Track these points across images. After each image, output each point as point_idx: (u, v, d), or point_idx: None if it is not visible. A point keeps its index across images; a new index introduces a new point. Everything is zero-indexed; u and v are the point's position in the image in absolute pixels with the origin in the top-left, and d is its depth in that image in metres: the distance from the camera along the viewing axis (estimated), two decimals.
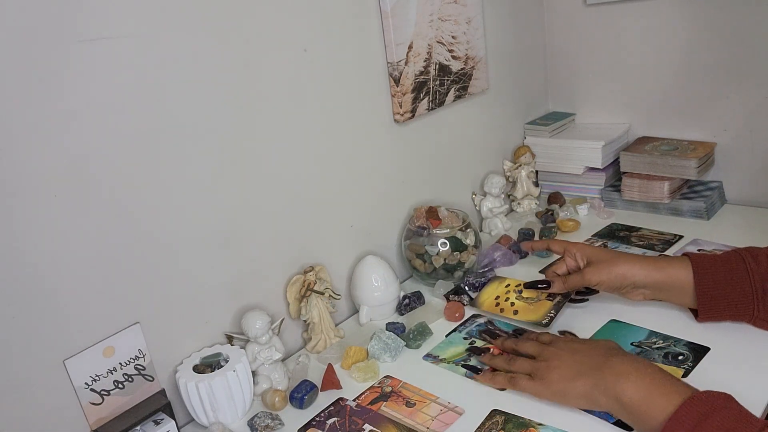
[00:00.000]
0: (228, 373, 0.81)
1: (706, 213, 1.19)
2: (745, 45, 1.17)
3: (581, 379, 0.72)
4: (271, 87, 0.89)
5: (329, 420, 0.81)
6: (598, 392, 0.71)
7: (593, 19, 1.34)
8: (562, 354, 0.76)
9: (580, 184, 1.35)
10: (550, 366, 0.76)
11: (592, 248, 0.93)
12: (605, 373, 0.71)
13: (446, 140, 1.21)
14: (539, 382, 0.76)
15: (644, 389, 0.67)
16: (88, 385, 0.75)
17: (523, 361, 0.80)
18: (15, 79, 0.65)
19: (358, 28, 1.00)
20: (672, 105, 1.29)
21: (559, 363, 0.75)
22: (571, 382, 0.73)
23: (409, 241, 1.09)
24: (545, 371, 0.76)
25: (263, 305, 0.92)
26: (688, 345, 0.84)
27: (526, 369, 0.78)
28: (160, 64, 0.76)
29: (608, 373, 0.71)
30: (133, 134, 0.75)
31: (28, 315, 0.69)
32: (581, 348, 0.77)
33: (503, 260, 1.12)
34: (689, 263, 0.84)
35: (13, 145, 0.66)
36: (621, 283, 0.87)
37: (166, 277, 0.81)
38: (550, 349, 0.78)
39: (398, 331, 0.96)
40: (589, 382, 0.72)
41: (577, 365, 0.74)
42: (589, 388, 0.71)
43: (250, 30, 0.85)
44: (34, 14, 0.65)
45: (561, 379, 0.74)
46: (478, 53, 1.21)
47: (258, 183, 0.90)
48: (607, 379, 0.70)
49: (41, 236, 0.69)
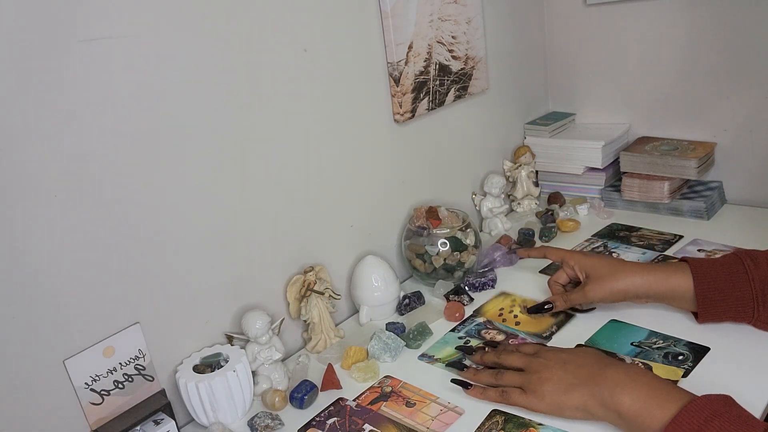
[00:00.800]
0: (228, 373, 0.81)
1: (706, 213, 1.19)
2: (745, 45, 1.17)
3: (576, 390, 0.71)
4: (271, 87, 0.89)
5: (329, 420, 0.81)
6: (595, 403, 0.69)
7: (593, 19, 1.34)
8: (552, 365, 0.75)
9: (580, 184, 1.35)
10: (542, 378, 0.74)
11: (590, 259, 0.91)
12: (600, 384, 0.70)
13: (446, 140, 1.21)
14: (532, 396, 0.74)
15: (642, 398, 0.66)
16: (88, 385, 0.75)
17: (512, 375, 0.78)
18: (15, 79, 0.65)
19: (358, 28, 1.00)
20: (672, 105, 1.29)
21: (550, 375, 0.74)
22: (565, 394, 0.72)
23: (409, 241, 1.09)
24: (537, 384, 0.74)
25: (263, 305, 0.92)
26: (688, 345, 0.84)
27: (516, 382, 0.77)
28: (160, 64, 0.76)
29: (604, 383, 0.69)
30: (133, 134, 0.75)
31: (28, 315, 0.69)
32: (571, 358, 0.75)
33: (503, 260, 1.12)
34: (689, 270, 0.84)
35: (13, 145, 0.66)
36: (623, 298, 0.87)
37: (166, 277, 0.81)
38: (538, 361, 0.76)
39: (398, 331, 0.96)
40: (584, 394, 0.70)
41: (570, 376, 0.72)
42: (586, 400, 0.70)
43: (250, 30, 0.85)
44: (33, 14, 0.65)
45: (555, 391, 0.72)
46: (478, 53, 1.21)
47: (258, 183, 0.90)
48: (603, 390, 0.69)
49: (41, 236, 0.69)
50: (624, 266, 0.88)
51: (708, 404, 0.62)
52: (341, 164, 1.01)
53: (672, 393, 0.66)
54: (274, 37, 0.88)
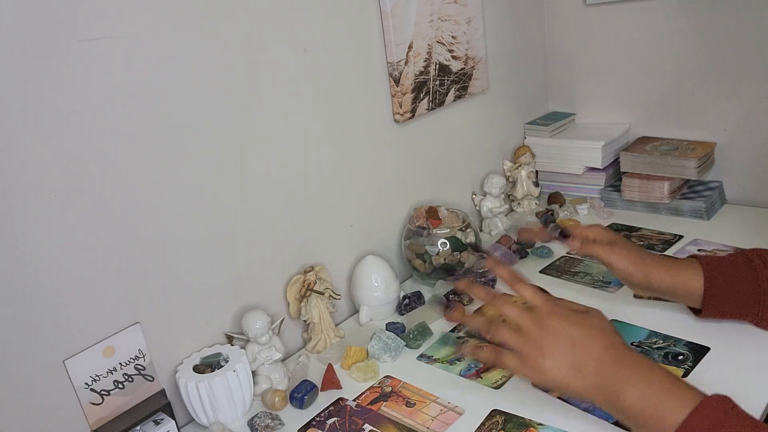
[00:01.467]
0: (228, 373, 0.81)
1: (706, 213, 1.19)
2: (745, 45, 1.17)
3: (580, 377, 0.66)
4: (271, 87, 0.89)
5: (329, 420, 0.81)
6: (598, 396, 0.66)
7: (593, 19, 1.34)
8: (557, 340, 0.68)
9: (580, 184, 1.35)
10: (543, 352, 0.68)
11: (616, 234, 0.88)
12: (608, 378, 0.65)
13: (446, 140, 1.21)
14: (529, 367, 0.69)
15: (650, 398, 0.62)
16: (88, 385, 0.75)
17: (508, 333, 0.71)
18: (15, 79, 0.65)
19: (358, 28, 1.00)
20: (672, 105, 1.29)
21: (552, 350, 0.68)
22: (567, 377, 0.67)
23: (409, 241, 1.09)
24: (537, 356, 0.68)
25: (263, 305, 0.92)
26: (688, 345, 0.84)
27: (512, 343, 0.70)
28: (160, 64, 0.76)
29: (611, 379, 0.65)
30: (133, 134, 0.75)
31: (28, 315, 0.69)
32: (579, 337, 0.68)
33: (503, 260, 1.12)
34: (701, 270, 0.82)
35: (14, 145, 0.66)
36: (639, 281, 0.84)
37: (166, 277, 0.81)
38: (540, 328, 0.69)
39: (398, 331, 0.96)
40: (588, 384, 0.66)
41: (575, 358, 0.67)
42: (588, 390, 0.66)
43: (250, 30, 0.85)
44: (34, 14, 0.65)
45: (556, 369, 0.67)
46: (478, 53, 1.21)
47: (258, 183, 0.90)
48: (610, 386, 0.65)
49: (41, 236, 0.69)
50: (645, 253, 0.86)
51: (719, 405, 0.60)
52: (341, 164, 1.01)
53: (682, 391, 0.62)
54: (274, 37, 0.88)
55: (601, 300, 0.96)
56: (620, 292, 0.98)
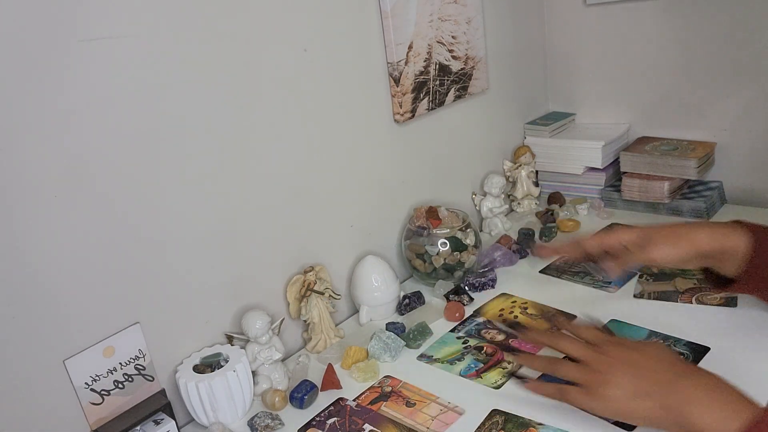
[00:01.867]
0: (228, 373, 0.81)
1: (706, 213, 1.19)
2: (744, 45, 1.17)
3: (645, 399, 0.65)
4: (271, 87, 0.89)
5: (329, 420, 0.81)
6: (664, 416, 0.64)
7: (593, 19, 1.34)
8: (619, 367, 0.68)
9: (580, 184, 1.35)
10: (607, 380, 0.67)
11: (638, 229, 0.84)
12: (673, 395, 0.64)
13: (446, 140, 1.21)
14: (595, 398, 0.68)
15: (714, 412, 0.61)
16: (88, 385, 0.75)
17: (570, 367, 0.72)
18: (15, 79, 0.65)
19: (358, 28, 1.00)
20: (672, 105, 1.29)
21: (617, 379, 0.67)
22: (633, 401, 0.66)
23: (409, 241, 1.09)
24: (602, 385, 0.68)
25: (263, 305, 0.92)
26: (688, 345, 0.84)
27: (575, 377, 0.70)
28: (160, 64, 0.76)
29: (676, 396, 0.64)
30: (133, 134, 0.75)
31: (28, 315, 0.69)
32: (641, 361, 0.68)
33: (503, 260, 1.12)
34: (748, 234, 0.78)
35: (14, 145, 0.66)
36: (686, 255, 0.80)
37: (166, 277, 0.81)
38: (602, 357, 0.70)
39: (398, 331, 0.96)
40: (654, 405, 0.65)
41: (640, 382, 0.66)
42: (655, 412, 0.65)
43: (250, 30, 0.85)
44: (33, 14, 0.65)
45: (621, 397, 0.66)
46: (478, 53, 1.21)
47: (258, 183, 0.90)
48: (675, 403, 0.64)
49: (41, 236, 0.69)
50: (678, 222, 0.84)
51: None
52: (341, 164, 1.01)
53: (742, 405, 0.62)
54: (273, 37, 0.88)
55: (601, 300, 0.96)
56: (620, 292, 0.99)
